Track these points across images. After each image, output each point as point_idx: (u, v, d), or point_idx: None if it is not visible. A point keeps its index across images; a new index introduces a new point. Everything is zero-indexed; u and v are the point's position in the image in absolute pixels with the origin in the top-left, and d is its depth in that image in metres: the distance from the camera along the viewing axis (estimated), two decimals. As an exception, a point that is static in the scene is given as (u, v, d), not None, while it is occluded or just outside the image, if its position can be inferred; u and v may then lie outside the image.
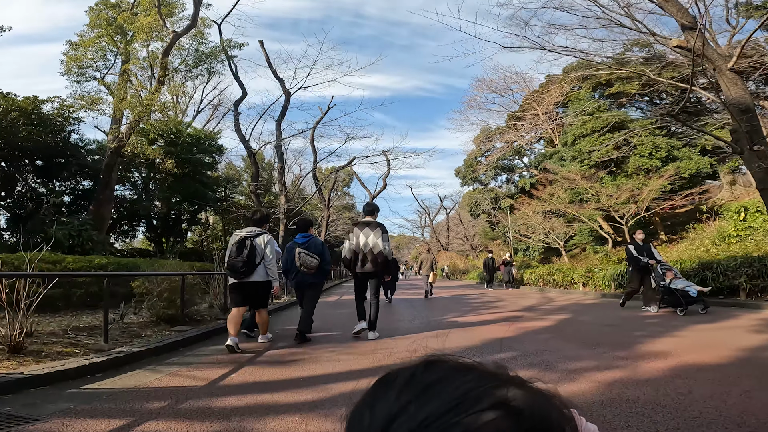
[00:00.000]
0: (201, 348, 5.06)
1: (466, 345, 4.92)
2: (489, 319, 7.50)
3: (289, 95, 20.24)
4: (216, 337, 5.82)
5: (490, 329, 6.26)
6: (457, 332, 6.03)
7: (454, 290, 17.08)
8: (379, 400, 0.36)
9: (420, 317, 7.94)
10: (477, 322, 7.06)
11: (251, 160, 17.54)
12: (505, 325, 6.60)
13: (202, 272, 8.43)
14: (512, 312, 8.51)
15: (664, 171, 21.17)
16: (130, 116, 15.33)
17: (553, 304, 10.11)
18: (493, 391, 0.35)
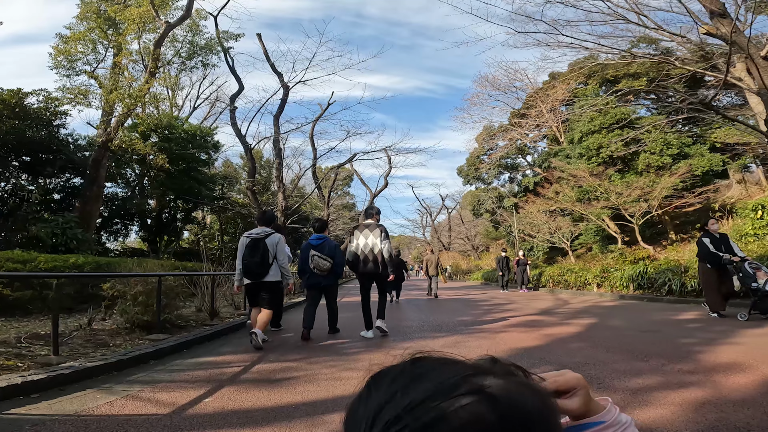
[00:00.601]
0: (177, 361, 4.29)
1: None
2: (506, 323, 6.74)
3: (287, 89, 19.52)
4: (198, 347, 5.05)
5: (512, 336, 5.50)
6: (476, 340, 5.28)
7: (459, 291, 16.32)
8: (372, 393, 0.39)
9: (430, 322, 7.18)
10: (494, 328, 6.30)
11: (247, 155, 16.81)
12: (526, 331, 5.84)
13: (187, 273, 7.67)
14: (529, 315, 7.74)
15: (676, 168, 20.44)
16: (120, 109, 14.57)
17: (570, 306, 9.35)
18: (471, 379, 0.37)
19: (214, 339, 5.53)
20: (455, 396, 0.35)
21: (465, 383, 0.36)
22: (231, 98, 19.56)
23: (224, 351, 4.81)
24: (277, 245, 5.02)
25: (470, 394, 0.35)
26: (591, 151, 23.11)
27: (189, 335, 5.27)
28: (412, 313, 8.59)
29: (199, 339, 5.20)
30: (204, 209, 26.73)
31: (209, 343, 5.28)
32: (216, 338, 5.60)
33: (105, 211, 19.30)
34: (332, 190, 24.97)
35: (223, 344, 5.28)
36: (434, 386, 0.36)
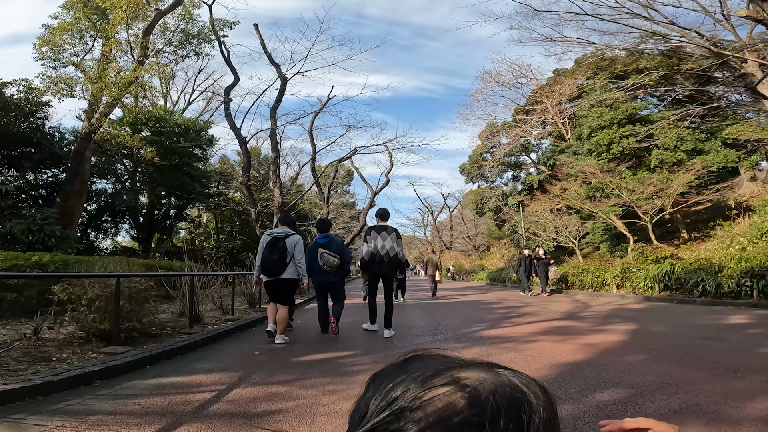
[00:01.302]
0: (132, 382, 3.37)
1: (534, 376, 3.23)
2: (531, 330, 5.82)
3: (285, 81, 18.61)
4: (167, 362, 4.13)
5: (545, 347, 4.59)
6: (503, 352, 4.37)
7: (465, 293, 15.39)
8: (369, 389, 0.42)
9: (444, 329, 6.26)
10: (519, 336, 5.39)
11: (242, 149, 15.89)
12: (560, 340, 4.93)
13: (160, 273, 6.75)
14: (553, 321, 6.84)
15: (691, 165, 19.58)
16: (105, 99, 13.65)
17: (594, 309, 8.44)
18: (448, 371, 0.39)
19: (190, 351, 4.61)
20: (431, 387, 0.37)
21: (441, 375, 0.38)
22: (226, 90, 18.64)
23: (198, 368, 3.90)
24: (295, 245, 5.23)
25: (445, 384, 0.37)
26: (601, 147, 22.24)
27: (158, 347, 4.35)
28: (421, 318, 7.67)
29: (170, 352, 4.27)
30: (200, 207, 25.81)
31: (182, 356, 4.37)
32: (192, 350, 4.68)
33: (92, 207, 18.39)
34: (332, 188, 24.04)
35: (199, 358, 4.36)
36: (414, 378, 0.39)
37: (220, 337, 5.44)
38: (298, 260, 5.20)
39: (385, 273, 5.70)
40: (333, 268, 5.73)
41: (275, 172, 15.45)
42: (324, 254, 5.69)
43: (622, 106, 22.52)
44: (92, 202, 18.21)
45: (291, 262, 5.15)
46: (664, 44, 25.05)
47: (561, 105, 29.38)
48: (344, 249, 5.97)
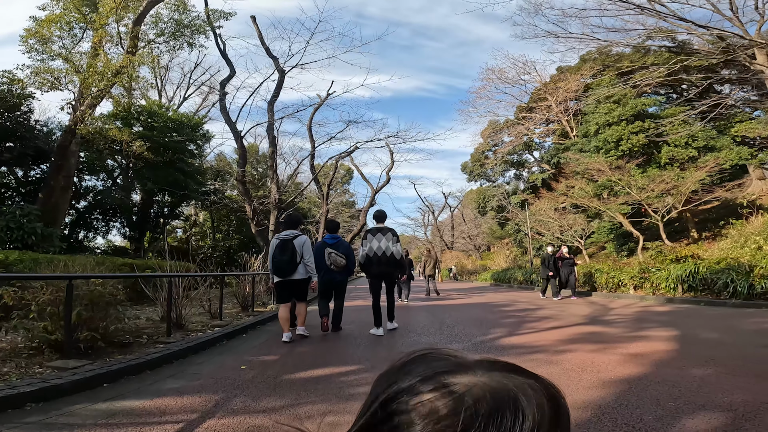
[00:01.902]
0: (76, 407, 2.65)
1: (586, 397, 2.54)
2: (558, 337, 5.12)
3: (283, 73, 17.93)
4: (130, 380, 3.41)
5: (582, 358, 3.88)
6: (537, 366, 3.64)
7: (471, 294, 14.65)
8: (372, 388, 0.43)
9: (457, 335, 5.55)
10: (547, 344, 4.68)
11: (238, 143, 15.19)
12: (598, 350, 4.23)
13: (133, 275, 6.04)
14: (578, 326, 6.13)
15: (703, 162, 18.92)
16: (94, 90, 12.92)
17: (616, 312, 7.73)
18: (440, 376, 0.38)
19: (163, 365, 3.89)
20: (419, 392, 0.37)
21: (431, 380, 0.38)
22: (221, 83, 17.97)
23: (167, 388, 3.18)
24: (303, 246, 5.37)
25: (433, 390, 0.37)
26: (609, 144, 21.55)
27: (123, 360, 3.63)
28: (431, 323, 6.96)
29: (137, 366, 3.55)
30: (196, 205, 25.07)
31: (151, 372, 3.64)
32: (166, 364, 3.96)
33: (82, 205, 17.67)
34: (331, 186, 23.33)
35: (172, 374, 3.64)
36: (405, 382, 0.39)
37: (203, 347, 4.72)
38: (307, 260, 5.37)
39: (384, 273, 5.85)
40: (339, 268, 5.88)
41: (272, 168, 14.75)
42: (332, 254, 5.83)
43: (631, 102, 21.83)
44: (81, 200, 17.50)
45: (301, 262, 5.32)
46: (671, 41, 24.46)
47: (565, 102, 28.71)
48: (350, 250, 6.13)
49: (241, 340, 5.47)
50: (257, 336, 5.87)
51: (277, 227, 14.36)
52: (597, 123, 22.44)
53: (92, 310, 3.77)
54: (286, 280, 5.32)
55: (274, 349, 4.85)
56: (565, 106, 29.00)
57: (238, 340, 5.45)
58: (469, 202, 48.27)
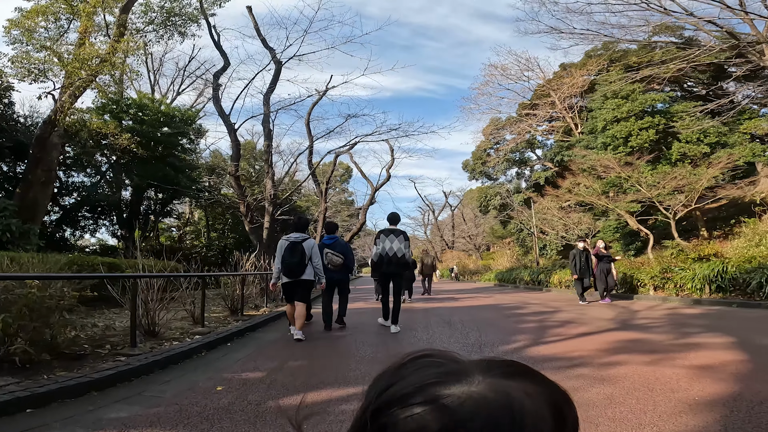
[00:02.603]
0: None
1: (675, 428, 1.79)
2: (595, 346, 4.35)
3: (279, 65, 17.16)
4: (67, 403, 2.63)
5: (641, 374, 3.13)
6: (589, 386, 2.90)
7: (477, 295, 13.83)
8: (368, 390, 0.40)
9: (474, 344, 4.80)
10: (586, 355, 3.92)
11: (231, 136, 14.40)
12: (647, 361, 3.48)
13: (85, 275, 5.26)
14: (611, 331, 5.38)
15: (716, 158, 18.23)
16: (76, 80, 12.12)
17: (644, 315, 6.97)
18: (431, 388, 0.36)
19: (117, 384, 3.12)
20: (409, 405, 0.35)
21: (423, 392, 0.36)
22: (215, 75, 17.17)
23: (107, 420, 2.41)
24: (312, 249, 5.53)
25: (423, 403, 0.35)
26: (617, 140, 20.84)
27: (64, 378, 2.86)
28: (442, 330, 6.20)
29: (78, 387, 2.78)
30: (191, 204, 24.28)
31: (99, 394, 2.87)
32: (123, 382, 3.19)
33: (68, 202, 16.88)
34: (330, 183, 22.56)
35: (125, 397, 2.87)
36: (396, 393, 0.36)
37: (175, 360, 3.94)
38: (315, 263, 5.56)
39: (393, 273, 6.01)
40: (336, 267, 6.07)
41: (268, 162, 13.99)
42: (328, 254, 6.03)
43: (640, 97, 21.12)
44: (67, 196, 16.71)
45: (309, 263, 5.49)
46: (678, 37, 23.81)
47: (570, 99, 28.01)
48: (348, 249, 6.35)
49: (223, 351, 4.69)
50: (243, 345, 5.10)
51: (272, 226, 13.60)
52: (604, 119, 21.72)
53: (29, 318, 3.00)
54: (294, 281, 5.50)
55: (262, 363, 4.08)
56: (570, 102, 28.30)
57: (220, 351, 4.67)
58: (469, 201, 47.54)
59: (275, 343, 5.31)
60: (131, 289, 4.21)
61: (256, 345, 5.10)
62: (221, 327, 6.00)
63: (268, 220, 12.86)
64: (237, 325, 6.17)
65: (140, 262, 5.32)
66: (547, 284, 15.47)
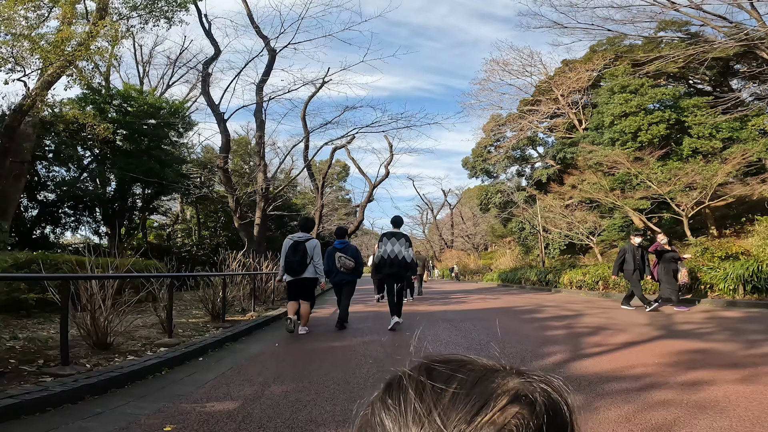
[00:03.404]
0: None
1: None
2: (657, 360, 3.47)
3: (274, 53, 16.26)
4: None
5: (749, 396, 2.24)
6: (700, 414, 2.01)
7: (484, 296, 12.90)
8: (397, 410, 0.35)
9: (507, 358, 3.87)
10: (655, 372, 3.03)
11: (220, 126, 13.48)
12: (739, 378, 2.61)
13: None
14: (658, 339, 4.51)
15: (729, 154, 17.49)
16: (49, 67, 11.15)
17: (682, 318, 6.10)
18: (505, 384, 0.36)
19: (22, 417, 2.20)
20: (500, 408, 0.33)
21: (503, 392, 0.34)
22: (204, 64, 16.26)
23: None
24: (314, 249, 5.78)
25: (512, 402, 0.34)
26: (625, 136, 20.03)
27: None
28: (454, 341, 5.33)
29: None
30: (183, 201, 23.27)
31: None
32: (31, 414, 2.28)
33: (48, 197, 15.86)
34: (326, 180, 21.64)
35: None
36: (474, 403, 0.34)
37: (120, 382, 3.02)
38: (316, 262, 5.74)
39: (395, 274, 6.22)
40: (348, 270, 6.27)
41: (259, 154, 13.09)
42: (341, 258, 6.21)
43: (650, 91, 20.31)
44: (47, 191, 15.71)
45: (311, 263, 5.68)
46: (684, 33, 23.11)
47: (573, 94, 27.23)
48: (358, 253, 6.54)
49: (191, 369, 3.77)
50: (218, 360, 4.18)
51: (263, 222, 12.69)
52: (612, 114, 20.91)
53: None
54: (296, 279, 5.71)
55: (236, 388, 3.17)
56: (573, 98, 27.52)
57: (186, 369, 3.75)
58: (467, 200, 46.71)
59: (258, 357, 4.39)
60: (62, 292, 3.28)
61: (234, 360, 4.18)
62: (197, 336, 5.09)
63: (259, 216, 11.93)
64: (215, 333, 5.26)
65: (89, 260, 4.39)
66: (557, 285, 14.62)
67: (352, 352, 4.45)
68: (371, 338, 5.20)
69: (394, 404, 0.36)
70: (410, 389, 0.36)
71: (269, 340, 5.35)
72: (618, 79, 21.79)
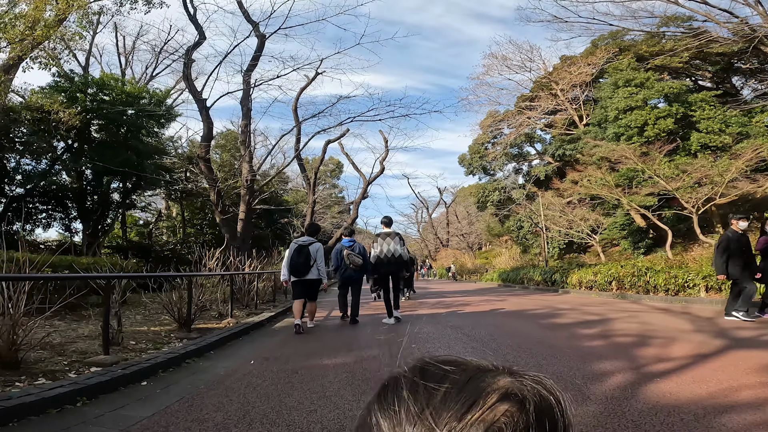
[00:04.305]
0: None
1: None
2: (741, 380, 2.51)
3: (263, 39, 15.19)
4: None
5: None
6: None
7: (488, 298, 11.86)
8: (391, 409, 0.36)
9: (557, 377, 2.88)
10: (745, 400, 2.08)
11: (202, 114, 12.39)
12: None
13: None
14: (735, 350, 3.56)
15: (739, 149, 16.79)
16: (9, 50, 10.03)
17: (740, 325, 5.17)
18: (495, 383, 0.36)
19: None
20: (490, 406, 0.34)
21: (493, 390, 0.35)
22: (188, 50, 15.13)
23: None
24: (317, 252, 6.15)
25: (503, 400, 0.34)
26: (631, 130, 19.25)
27: None
28: (472, 355, 4.35)
29: None
30: (166, 197, 22.07)
31: None
32: None
33: (17, 191, 14.63)
34: (318, 175, 20.60)
35: None
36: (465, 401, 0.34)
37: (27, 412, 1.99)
38: (319, 264, 6.14)
39: (392, 272, 6.71)
40: (357, 267, 6.60)
41: (245, 144, 12.03)
42: (351, 255, 6.58)
43: (657, 85, 19.56)
44: (14, 184, 14.48)
45: (314, 265, 6.08)
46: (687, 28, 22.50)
47: (574, 89, 26.46)
48: (365, 252, 6.92)
49: (121, 399, 2.74)
50: (167, 386, 3.14)
51: (248, 217, 11.61)
52: (616, 108, 20.13)
53: None
54: (301, 280, 6.04)
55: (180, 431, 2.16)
56: (573, 94, 26.76)
57: (113, 400, 2.71)
58: (462, 199, 45.87)
59: (224, 381, 3.36)
60: None
61: (189, 385, 3.15)
62: (151, 350, 4.05)
63: (243, 210, 10.87)
64: (175, 347, 4.22)
65: (21, 255, 3.34)
66: (564, 285, 13.72)
67: (347, 374, 3.44)
68: (369, 353, 4.20)
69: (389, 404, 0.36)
70: (404, 389, 0.36)
71: (244, 355, 4.32)
72: (623, 73, 21.04)
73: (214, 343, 4.61)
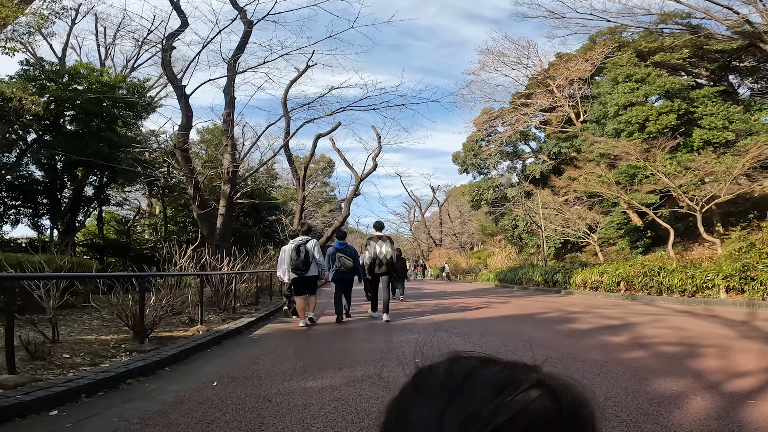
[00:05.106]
0: None
1: None
2: None
3: (250, 25, 14.27)
4: None
5: None
6: None
7: (487, 300, 11.04)
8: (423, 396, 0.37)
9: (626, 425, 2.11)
10: None
11: (180, 103, 11.43)
12: None
13: None
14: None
15: (743, 146, 16.35)
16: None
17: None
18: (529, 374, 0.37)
19: None
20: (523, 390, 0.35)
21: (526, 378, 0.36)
22: (168, 36, 14.13)
23: None
24: (314, 247, 6.60)
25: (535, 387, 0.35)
26: (632, 126, 18.69)
27: None
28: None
29: None
30: (149, 192, 21.00)
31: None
32: None
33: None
34: (308, 170, 19.71)
35: None
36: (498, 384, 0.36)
37: None
38: (318, 259, 6.60)
39: (384, 273, 7.20)
40: (348, 269, 7.05)
41: (227, 133, 11.12)
42: (342, 258, 7.03)
43: (659, 80, 19.04)
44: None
45: (313, 261, 6.51)
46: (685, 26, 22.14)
47: (571, 86, 25.94)
48: (357, 254, 7.60)
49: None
50: (82, 420, 2.30)
51: (229, 211, 10.72)
52: (616, 104, 19.58)
53: None
54: (302, 277, 6.48)
55: None
56: (570, 91, 26.25)
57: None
58: (455, 198, 45.25)
59: (171, 411, 2.52)
60: None
61: (117, 419, 2.31)
62: (86, 365, 3.20)
63: (224, 204, 9.98)
64: (118, 362, 3.36)
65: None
66: (566, 286, 13.04)
67: (336, 402, 2.61)
68: (363, 372, 3.37)
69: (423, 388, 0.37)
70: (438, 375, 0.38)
71: (207, 374, 3.47)
72: (623, 68, 20.52)
73: (171, 358, 3.75)
